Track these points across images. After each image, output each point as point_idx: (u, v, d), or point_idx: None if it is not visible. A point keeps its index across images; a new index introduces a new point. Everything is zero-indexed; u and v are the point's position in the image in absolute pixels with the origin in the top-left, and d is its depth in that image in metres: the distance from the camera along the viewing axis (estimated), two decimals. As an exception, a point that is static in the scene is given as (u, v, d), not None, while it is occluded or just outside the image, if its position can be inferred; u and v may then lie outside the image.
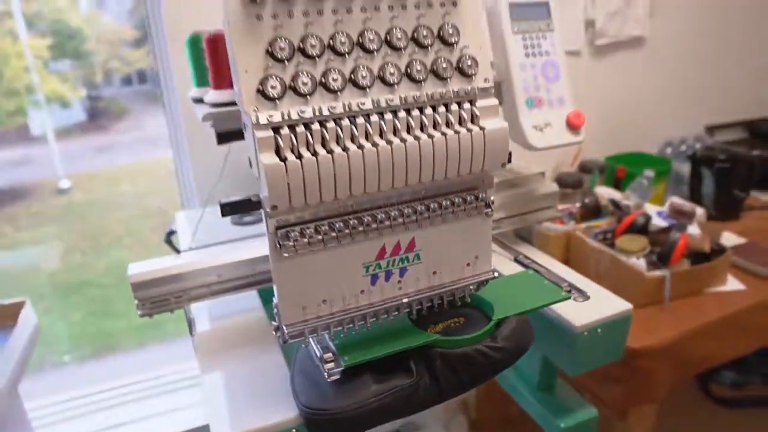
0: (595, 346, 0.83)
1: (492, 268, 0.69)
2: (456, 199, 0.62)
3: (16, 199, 4.32)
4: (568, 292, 0.75)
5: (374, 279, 0.62)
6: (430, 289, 0.66)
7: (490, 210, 0.64)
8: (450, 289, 0.67)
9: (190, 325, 0.87)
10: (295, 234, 0.56)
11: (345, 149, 0.52)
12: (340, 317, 0.62)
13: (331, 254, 0.59)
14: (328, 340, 0.64)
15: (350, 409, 0.60)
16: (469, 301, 0.70)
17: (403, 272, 0.63)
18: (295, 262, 0.57)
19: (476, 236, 0.66)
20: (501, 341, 0.66)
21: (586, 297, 0.85)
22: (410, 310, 0.66)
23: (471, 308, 0.71)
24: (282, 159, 0.50)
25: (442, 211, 0.61)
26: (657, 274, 1.23)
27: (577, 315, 0.82)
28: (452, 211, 0.62)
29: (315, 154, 0.51)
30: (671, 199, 1.51)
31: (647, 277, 1.22)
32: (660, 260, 1.26)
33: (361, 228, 0.58)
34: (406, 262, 0.63)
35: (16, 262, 3.58)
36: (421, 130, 0.56)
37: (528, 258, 0.99)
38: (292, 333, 0.60)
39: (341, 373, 0.60)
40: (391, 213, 0.59)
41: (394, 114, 0.55)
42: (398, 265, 0.63)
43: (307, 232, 0.56)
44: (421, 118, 0.56)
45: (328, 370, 0.60)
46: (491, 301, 0.70)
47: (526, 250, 1.03)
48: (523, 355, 0.69)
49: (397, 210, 0.59)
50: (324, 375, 0.60)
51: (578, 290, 0.86)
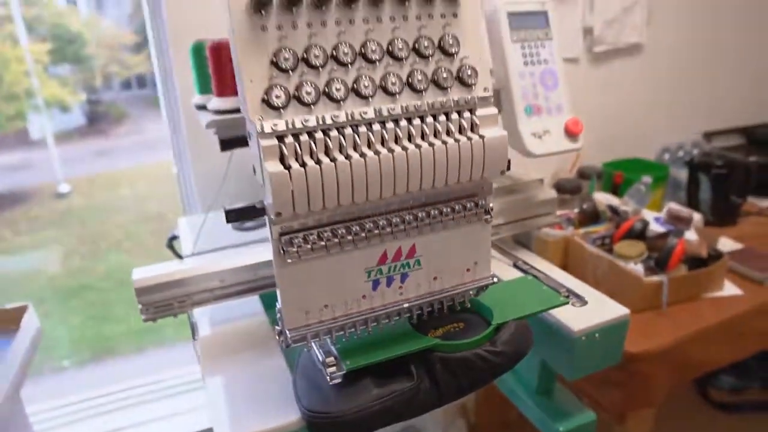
0: (593, 350, 0.84)
1: (491, 273, 0.70)
2: (456, 206, 0.63)
3: (15, 203, 4.32)
4: (567, 297, 0.76)
5: (376, 284, 0.63)
6: (430, 294, 0.67)
7: (490, 216, 0.65)
8: (450, 295, 0.68)
9: (193, 329, 0.87)
10: (299, 240, 0.57)
11: (348, 157, 0.53)
12: (342, 322, 0.63)
13: (334, 260, 0.60)
14: (330, 345, 0.64)
15: (352, 412, 0.61)
16: (469, 306, 0.71)
17: (404, 278, 0.64)
18: (298, 268, 0.58)
19: (476, 242, 0.67)
20: (500, 346, 0.67)
21: (584, 302, 0.86)
22: (411, 314, 0.67)
23: (471, 313, 0.72)
24: (286, 167, 0.51)
25: (442, 217, 0.62)
26: (655, 279, 1.24)
27: (575, 320, 0.83)
28: (452, 217, 0.63)
29: (318, 162, 0.52)
30: (669, 205, 1.52)
31: (645, 282, 1.23)
32: (657, 266, 1.27)
33: (363, 234, 0.59)
34: (407, 267, 0.64)
35: (16, 267, 3.58)
36: (422, 138, 0.57)
37: (527, 263, 1.00)
38: (295, 337, 0.61)
39: (343, 376, 0.61)
40: (393, 219, 0.60)
41: (396, 123, 0.56)
42: (399, 270, 0.64)
43: (310, 238, 0.57)
44: (422, 127, 0.57)
45: (330, 374, 0.61)
46: (490, 306, 0.71)
47: (524, 255, 1.04)
48: (521, 359, 0.70)
49: (399, 216, 0.60)
50: (326, 379, 0.61)
51: (576, 295, 0.88)
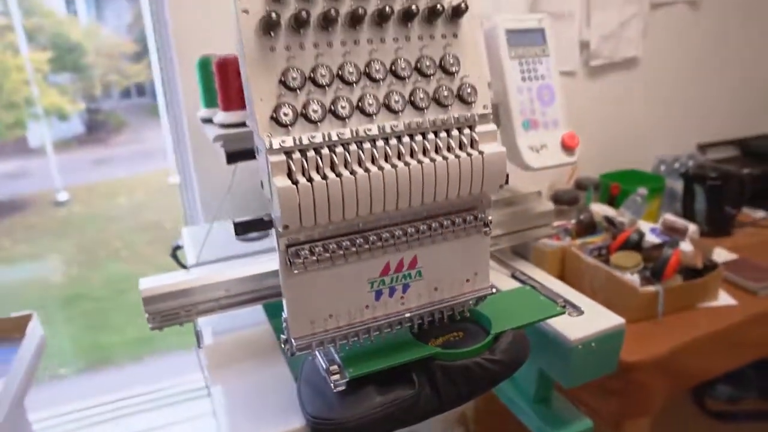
0: (590, 359, 0.86)
1: (490, 284, 0.72)
2: (456, 219, 0.65)
3: (13, 211, 4.33)
4: (563, 307, 0.78)
5: (378, 294, 0.65)
6: (431, 304, 0.69)
7: (489, 229, 0.67)
8: (450, 305, 0.70)
9: (198, 337, 0.89)
10: (305, 252, 0.59)
11: (353, 173, 0.55)
12: (346, 331, 0.65)
13: (338, 271, 0.62)
14: (334, 353, 0.66)
15: (355, 418, 0.62)
16: (468, 315, 0.73)
17: (406, 288, 0.66)
18: (304, 279, 0.60)
19: (475, 254, 0.69)
20: (499, 354, 0.69)
21: (581, 312, 0.88)
22: (412, 324, 0.69)
23: (470, 322, 0.74)
24: (294, 182, 0.53)
25: (442, 230, 0.64)
26: (650, 289, 1.26)
27: (572, 329, 0.85)
28: (452, 230, 0.65)
29: (325, 177, 0.54)
30: (664, 216, 1.55)
31: (641, 292, 1.25)
32: (653, 276, 1.29)
33: (367, 246, 0.61)
34: (408, 278, 0.66)
35: (13, 275, 3.59)
36: (424, 154, 0.59)
37: (524, 274, 1.02)
38: (300, 346, 0.63)
39: (346, 384, 0.63)
40: (395, 232, 0.62)
41: (399, 139, 0.58)
42: (401, 281, 0.66)
43: (316, 250, 0.59)
44: (423, 143, 0.59)
45: (334, 381, 0.62)
46: (489, 316, 0.72)
47: (522, 266, 1.06)
48: (519, 367, 0.72)
49: (401, 229, 0.62)
50: (330, 386, 0.63)
51: (573, 305, 0.89)
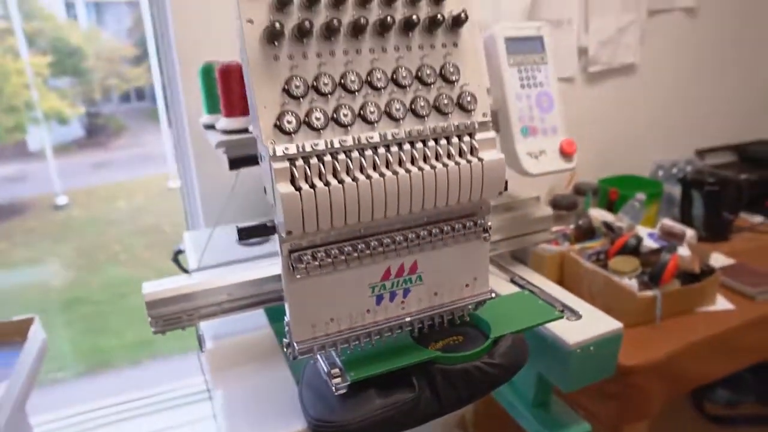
0: (588, 363, 0.87)
1: (489, 288, 0.73)
2: (456, 225, 0.66)
3: (13, 215, 4.34)
4: (561, 311, 0.79)
5: (379, 299, 0.66)
6: (431, 309, 0.69)
7: (488, 235, 0.68)
8: (450, 309, 0.71)
9: (200, 341, 0.90)
10: (307, 257, 0.60)
11: (355, 179, 0.56)
12: (347, 335, 0.65)
13: (340, 276, 0.62)
14: (336, 357, 0.67)
15: (356, 421, 0.63)
16: (468, 320, 0.74)
17: (406, 293, 0.67)
18: (306, 283, 0.61)
19: (474, 259, 0.70)
20: (498, 358, 0.70)
21: (579, 316, 0.89)
22: (412, 328, 0.70)
23: (469, 327, 0.75)
24: (297, 188, 0.54)
25: (442, 235, 0.65)
26: (648, 294, 1.27)
27: (570, 333, 0.86)
28: (452, 235, 0.66)
29: (327, 183, 0.55)
30: (662, 221, 1.56)
31: (639, 297, 1.26)
32: (651, 280, 1.30)
33: (368, 251, 0.62)
34: (408, 283, 0.67)
35: (12, 279, 3.59)
36: (425, 161, 0.60)
37: (523, 279, 1.03)
38: (302, 349, 0.64)
39: (347, 387, 0.64)
40: (396, 237, 0.63)
41: (400, 146, 0.59)
42: (402, 286, 0.67)
43: (318, 255, 0.60)
44: (424, 151, 0.60)
45: (335, 384, 0.63)
46: (488, 320, 0.73)
47: (521, 271, 1.07)
48: (518, 371, 0.73)
49: (401, 235, 0.63)
50: (331, 389, 0.63)
51: (571, 310, 0.91)
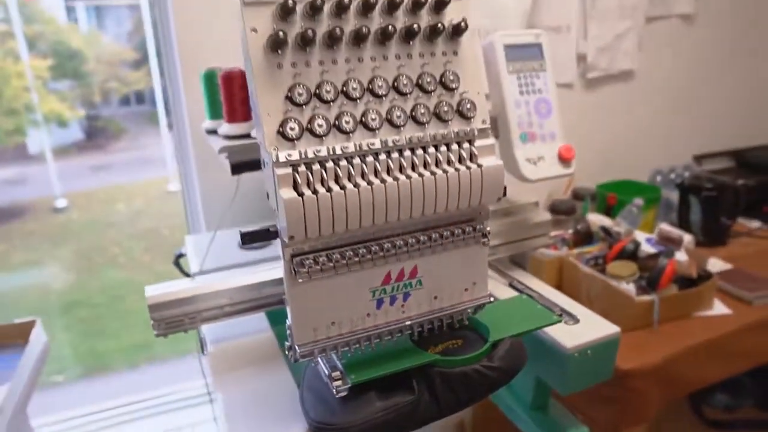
0: (586, 366, 0.88)
1: (488, 293, 0.74)
2: (455, 230, 0.67)
3: (12, 217, 4.34)
4: (559, 316, 0.80)
5: (380, 303, 0.67)
6: (430, 313, 0.70)
7: (487, 240, 0.69)
8: (449, 313, 0.72)
9: (202, 344, 0.91)
10: (309, 261, 0.61)
11: (356, 185, 0.57)
12: (348, 338, 0.66)
13: (341, 280, 0.63)
14: (336, 360, 0.68)
15: (357, 423, 0.64)
16: (467, 323, 0.75)
17: (406, 297, 0.68)
18: (308, 287, 0.62)
19: (474, 264, 0.71)
20: (496, 361, 0.70)
21: (576, 320, 0.90)
22: (412, 332, 0.71)
23: (468, 330, 0.75)
24: (299, 194, 0.55)
25: (442, 240, 0.66)
26: (646, 298, 1.28)
27: (568, 337, 0.87)
28: (452, 240, 0.67)
29: (329, 189, 0.56)
30: (660, 226, 1.57)
31: (637, 301, 1.27)
32: (649, 285, 1.31)
33: (369, 256, 0.63)
34: (409, 287, 0.68)
35: (11, 281, 3.59)
36: (425, 167, 0.61)
37: (522, 283, 1.04)
38: (304, 352, 0.65)
39: (348, 390, 0.65)
40: (396, 242, 0.64)
41: (401, 153, 0.60)
42: (402, 290, 0.67)
43: (320, 259, 0.61)
44: (424, 157, 0.61)
45: (336, 387, 0.64)
46: (487, 324, 0.74)
47: (520, 275, 1.08)
48: (516, 374, 0.73)
49: (402, 240, 0.64)
50: (332, 392, 0.64)
51: (569, 314, 0.92)
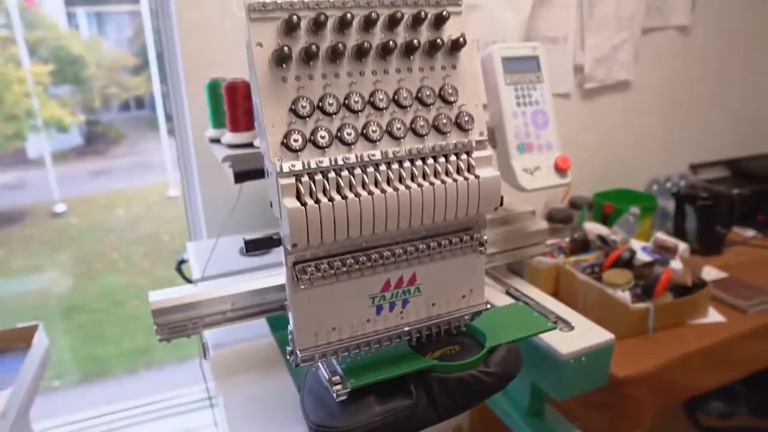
0: (581, 373, 0.89)
1: (485, 300, 0.75)
2: (453, 239, 0.68)
3: (11, 222, 4.34)
4: (555, 323, 0.81)
5: (379, 309, 0.68)
6: (429, 319, 0.72)
7: (484, 248, 0.71)
8: (447, 319, 0.73)
9: (204, 349, 0.92)
10: (311, 269, 0.62)
11: (357, 195, 0.59)
12: (348, 343, 0.68)
13: (342, 287, 0.65)
14: (336, 365, 0.70)
15: (356, 427, 0.65)
16: (464, 330, 0.76)
17: (405, 303, 0.70)
18: (309, 294, 0.64)
19: (471, 272, 0.72)
20: (493, 367, 0.72)
21: (571, 327, 0.92)
22: (411, 337, 0.72)
23: (466, 337, 0.77)
24: (302, 203, 0.57)
25: (440, 249, 0.68)
26: (641, 306, 1.30)
27: (563, 344, 0.89)
28: (449, 249, 0.69)
29: (331, 199, 0.58)
30: (655, 235, 1.59)
31: (632, 309, 1.29)
32: (644, 293, 1.33)
33: (369, 263, 0.65)
34: (407, 294, 0.69)
35: (10, 287, 3.59)
36: (424, 178, 0.63)
37: (518, 291, 1.06)
38: (305, 357, 0.66)
39: (348, 394, 0.66)
40: (396, 250, 0.66)
41: (400, 164, 0.62)
42: (401, 297, 0.69)
43: (322, 267, 0.63)
44: (423, 168, 0.63)
45: (336, 391, 0.66)
46: (484, 331, 0.76)
47: (517, 283, 1.10)
48: (512, 380, 0.75)
49: (401, 248, 0.66)
50: (332, 396, 0.66)
51: (564, 321, 0.93)
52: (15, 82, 4.67)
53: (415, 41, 0.61)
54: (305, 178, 0.58)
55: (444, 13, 0.62)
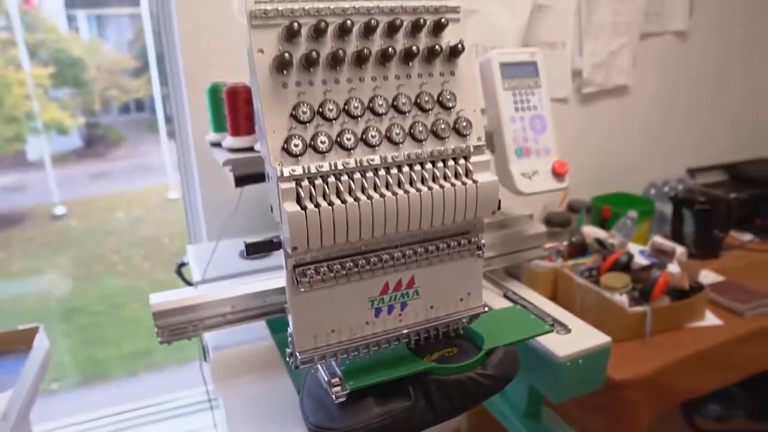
0: (577, 375, 0.90)
1: (483, 303, 0.76)
2: (451, 242, 0.69)
3: (11, 224, 4.34)
4: (552, 326, 0.82)
5: (378, 312, 0.69)
6: (427, 322, 0.73)
7: (481, 252, 0.72)
8: (445, 322, 0.74)
9: (205, 351, 0.93)
10: (311, 272, 0.63)
11: (357, 199, 0.59)
12: (347, 346, 0.68)
13: (341, 289, 0.66)
14: (335, 366, 0.70)
15: (355, 428, 0.66)
16: (462, 332, 0.77)
17: (404, 306, 0.70)
18: (309, 296, 0.64)
19: (469, 275, 0.73)
20: (490, 369, 0.72)
21: (568, 330, 0.92)
22: (409, 340, 0.73)
23: (463, 339, 0.78)
24: (302, 207, 0.58)
25: (438, 252, 0.69)
26: (638, 309, 1.31)
27: (560, 347, 0.90)
28: (447, 252, 0.69)
29: (331, 203, 0.59)
30: (653, 239, 1.60)
31: (629, 312, 1.30)
32: (641, 296, 1.34)
33: (368, 267, 0.66)
34: (406, 297, 0.70)
35: (10, 289, 3.59)
36: (422, 182, 0.63)
37: (516, 294, 1.07)
38: (304, 359, 0.67)
39: (347, 396, 0.67)
40: (394, 254, 0.66)
41: (399, 169, 0.62)
42: (399, 299, 0.70)
43: (321, 270, 0.63)
44: (422, 173, 0.63)
45: (335, 393, 0.66)
46: (482, 333, 0.76)
47: (514, 286, 1.11)
48: (510, 382, 0.75)
49: (399, 251, 0.67)
50: (331, 398, 0.67)
51: (561, 324, 0.94)
52: (15, 84, 4.68)
53: (414, 48, 0.62)
54: (305, 183, 0.59)
55: (442, 20, 0.63)
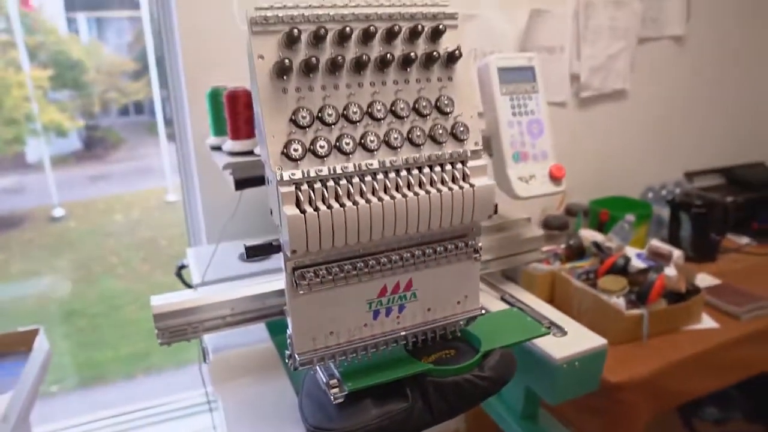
0: (573, 377, 0.91)
1: (480, 305, 0.77)
2: (448, 246, 0.70)
3: (10, 227, 4.34)
4: (548, 328, 0.83)
5: (376, 314, 0.70)
6: (424, 324, 0.73)
7: (479, 255, 0.73)
8: (442, 324, 0.75)
9: (204, 353, 0.94)
10: (310, 274, 0.64)
11: (355, 203, 0.60)
12: (345, 347, 0.69)
13: (340, 292, 0.67)
14: (334, 368, 0.71)
15: (353, 429, 0.67)
16: (459, 335, 0.78)
17: (402, 309, 0.71)
18: (308, 299, 0.65)
19: (466, 278, 0.74)
20: (487, 371, 0.73)
21: (564, 333, 0.93)
22: (407, 342, 0.74)
23: (461, 341, 0.78)
24: (302, 211, 0.58)
25: (436, 255, 0.70)
26: (635, 312, 1.32)
27: (557, 349, 0.90)
28: (445, 255, 0.70)
29: (330, 207, 0.59)
30: (650, 242, 1.61)
31: (626, 315, 1.31)
32: (638, 299, 1.35)
33: (366, 269, 0.66)
34: (404, 299, 0.71)
35: (9, 291, 3.59)
36: (420, 187, 0.64)
37: (513, 297, 1.07)
38: (303, 361, 0.68)
39: (345, 397, 0.67)
40: (392, 257, 0.67)
41: (397, 173, 0.63)
42: (397, 302, 0.71)
43: (320, 272, 0.64)
44: (419, 177, 0.64)
45: (333, 394, 0.67)
46: (479, 335, 0.77)
47: (511, 289, 1.12)
48: (506, 384, 0.76)
49: (397, 254, 0.67)
50: (330, 399, 0.67)
51: (557, 326, 0.95)
52: (15, 86, 4.68)
53: (413, 54, 0.63)
54: (305, 187, 0.59)
55: (440, 26, 0.64)
